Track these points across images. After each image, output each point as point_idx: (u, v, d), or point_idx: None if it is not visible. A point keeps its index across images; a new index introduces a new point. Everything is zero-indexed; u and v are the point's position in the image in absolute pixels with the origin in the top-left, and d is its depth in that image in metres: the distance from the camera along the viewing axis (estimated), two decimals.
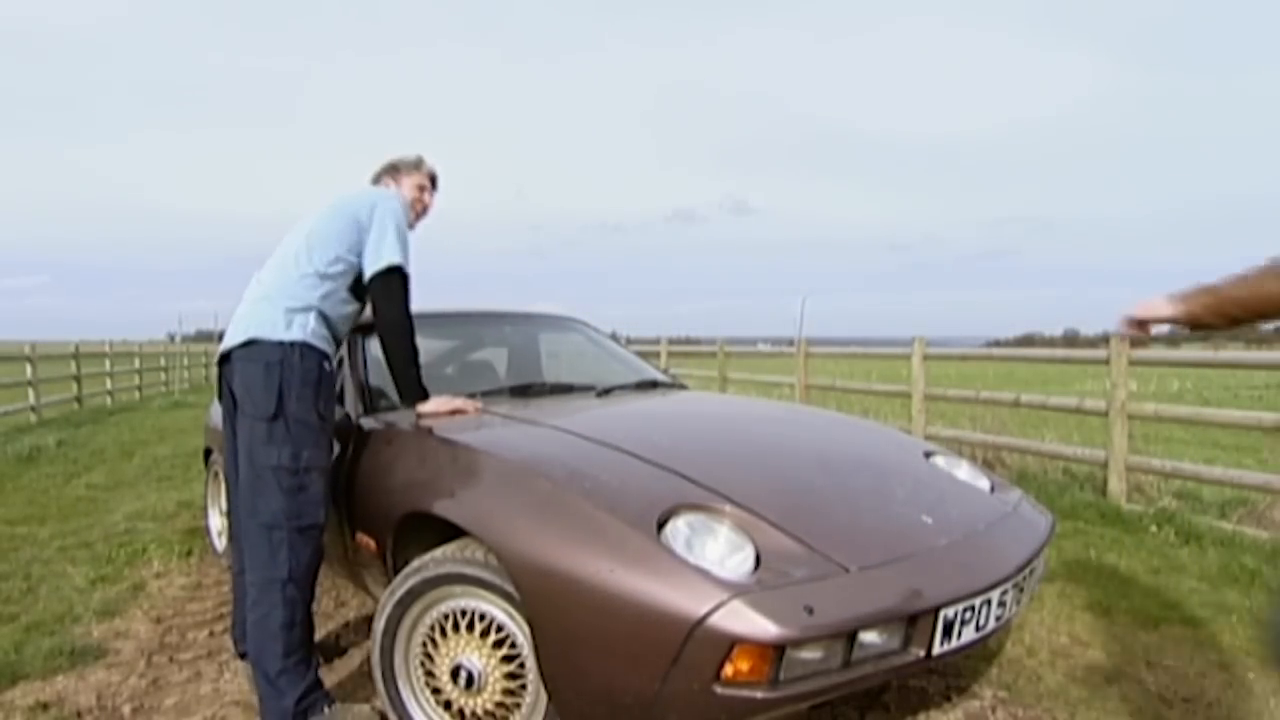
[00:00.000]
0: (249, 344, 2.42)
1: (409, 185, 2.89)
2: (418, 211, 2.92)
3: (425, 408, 2.64)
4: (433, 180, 2.96)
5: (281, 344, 2.39)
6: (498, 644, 2.09)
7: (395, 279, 2.53)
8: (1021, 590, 2.19)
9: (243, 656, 2.73)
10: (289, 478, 2.34)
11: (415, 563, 2.19)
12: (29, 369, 11.58)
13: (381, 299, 2.53)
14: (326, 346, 2.51)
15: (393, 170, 2.92)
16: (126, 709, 2.59)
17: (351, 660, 2.96)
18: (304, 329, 2.44)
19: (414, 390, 2.63)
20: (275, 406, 2.35)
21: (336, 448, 2.61)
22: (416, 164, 2.95)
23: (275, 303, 2.45)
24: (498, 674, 2.09)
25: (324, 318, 2.51)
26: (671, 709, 1.76)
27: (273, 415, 2.35)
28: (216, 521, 4.29)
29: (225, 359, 2.51)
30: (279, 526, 2.32)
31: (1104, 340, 5.53)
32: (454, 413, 2.67)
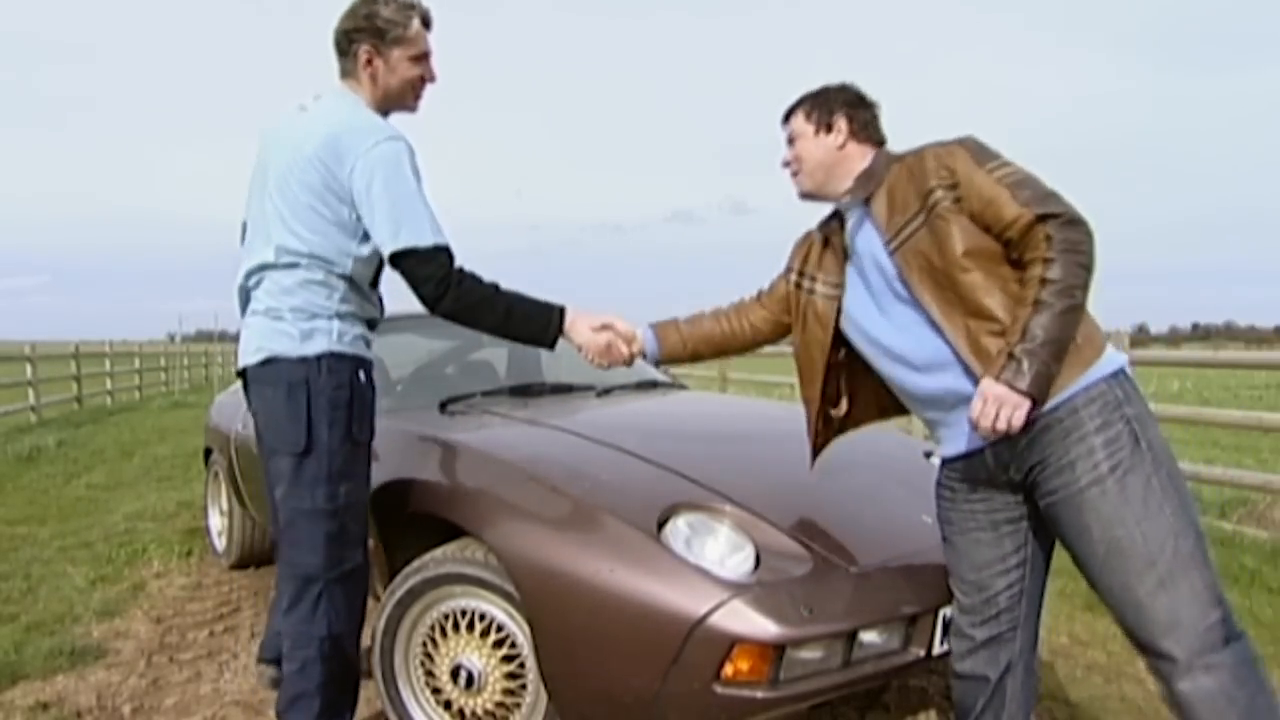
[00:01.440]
0: (267, 362, 1.98)
1: (400, 62, 2.01)
2: (416, 91, 2.08)
3: (578, 338, 2.09)
4: (427, 23, 2.03)
5: (305, 360, 1.95)
6: (498, 644, 2.09)
7: (428, 263, 1.92)
8: None
9: (261, 661, 2.51)
10: (326, 521, 1.97)
11: (415, 563, 2.19)
12: (29, 369, 11.57)
13: (440, 302, 1.96)
14: (361, 348, 2.08)
15: (371, 38, 1.98)
16: (126, 709, 2.59)
17: None
18: (329, 337, 1.98)
19: (541, 331, 2.07)
20: (305, 439, 1.94)
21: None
22: (403, 20, 1.98)
23: (284, 316, 1.98)
24: (498, 674, 2.09)
25: (351, 316, 2.06)
26: (671, 708, 1.76)
27: (303, 450, 1.94)
28: (216, 521, 4.29)
29: (243, 374, 2.10)
30: (315, 579, 1.99)
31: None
32: (607, 347, 2.11)
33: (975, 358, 1.59)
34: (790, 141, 1.86)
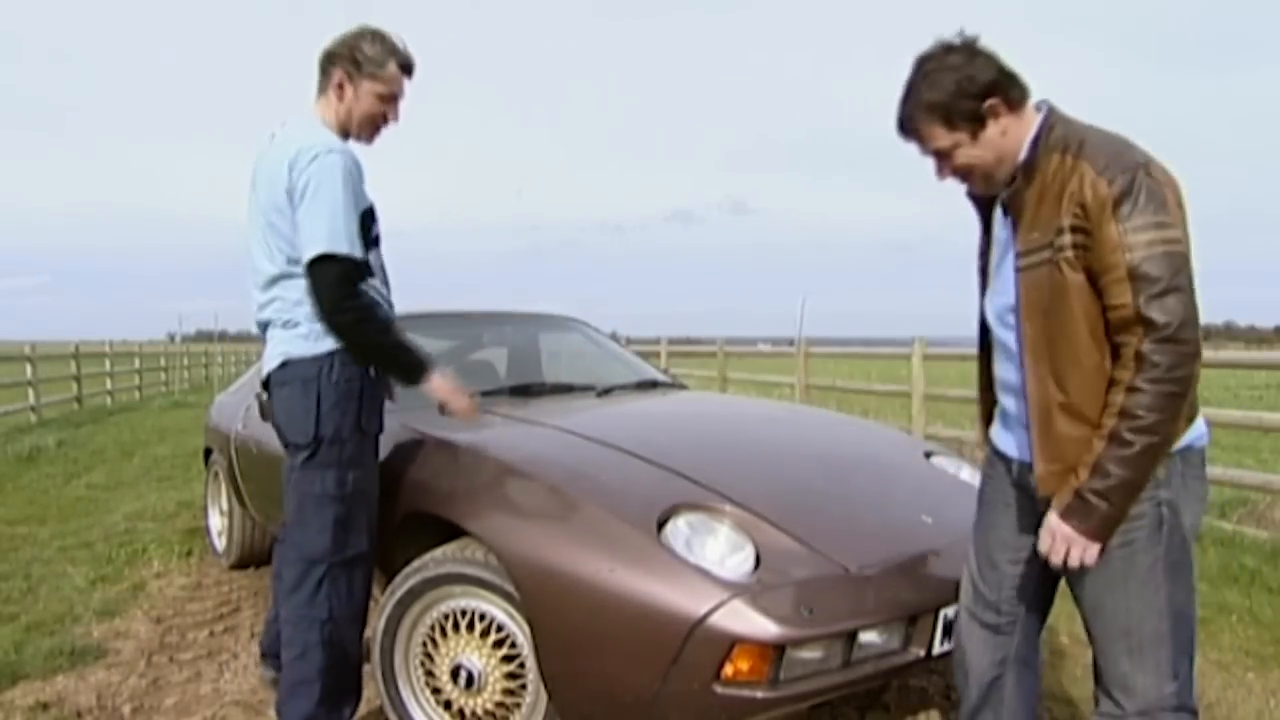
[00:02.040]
0: (284, 365, 2.14)
1: (368, 95, 2.16)
2: (375, 126, 2.23)
3: (431, 387, 2.24)
4: (407, 70, 2.19)
5: (317, 357, 2.10)
6: (498, 644, 2.09)
7: (324, 272, 2.03)
8: None
9: (265, 657, 2.60)
10: (334, 506, 2.10)
11: (415, 563, 2.19)
12: (29, 369, 11.57)
13: (333, 313, 2.06)
14: None
15: (348, 64, 2.13)
16: (126, 709, 2.59)
17: None
18: None
19: (411, 371, 2.22)
20: (314, 428, 2.08)
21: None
22: (381, 60, 2.13)
23: (300, 322, 2.13)
24: (498, 674, 2.09)
25: None
26: (671, 708, 1.76)
27: (313, 438, 2.09)
28: (216, 521, 4.29)
29: (265, 386, 2.26)
30: (319, 561, 2.09)
31: None
32: (462, 407, 2.30)
33: (1037, 416, 1.51)
34: (943, 155, 1.56)
